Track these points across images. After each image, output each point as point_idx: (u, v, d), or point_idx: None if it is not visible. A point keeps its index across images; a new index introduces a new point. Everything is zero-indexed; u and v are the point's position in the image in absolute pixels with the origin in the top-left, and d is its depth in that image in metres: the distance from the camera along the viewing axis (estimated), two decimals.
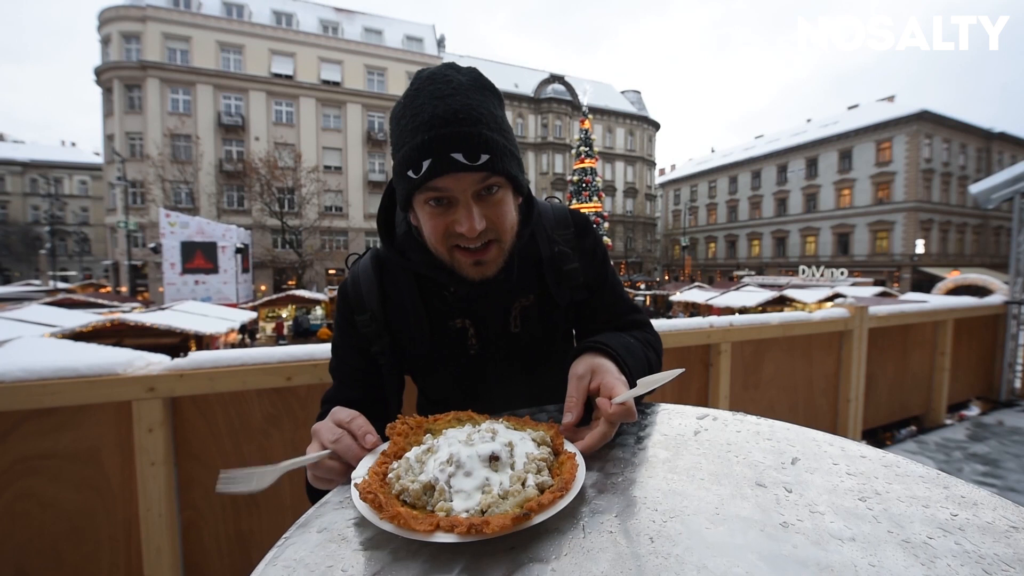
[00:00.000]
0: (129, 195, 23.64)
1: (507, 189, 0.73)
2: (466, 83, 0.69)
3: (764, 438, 0.69)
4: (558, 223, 0.92)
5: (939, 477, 0.57)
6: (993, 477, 2.76)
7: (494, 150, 0.67)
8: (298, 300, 20.23)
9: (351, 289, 0.87)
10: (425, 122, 0.65)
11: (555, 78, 38.26)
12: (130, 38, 25.29)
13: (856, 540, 0.45)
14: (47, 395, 1.21)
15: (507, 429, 0.63)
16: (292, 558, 0.46)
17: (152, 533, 1.32)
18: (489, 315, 0.85)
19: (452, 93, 0.67)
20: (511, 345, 0.87)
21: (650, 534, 0.47)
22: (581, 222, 0.94)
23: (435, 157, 0.65)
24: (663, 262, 46.22)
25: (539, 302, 0.88)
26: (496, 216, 0.72)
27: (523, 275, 0.85)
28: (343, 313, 0.87)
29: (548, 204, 0.96)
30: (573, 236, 0.92)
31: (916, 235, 30.02)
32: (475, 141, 0.65)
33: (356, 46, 29.70)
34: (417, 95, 0.68)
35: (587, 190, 19.35)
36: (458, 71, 0.70)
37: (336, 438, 0.63)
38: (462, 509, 0.49)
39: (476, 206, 0.69)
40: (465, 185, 0.67)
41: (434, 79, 0.69)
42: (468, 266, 0.74)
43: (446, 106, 0.65)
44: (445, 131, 0.65)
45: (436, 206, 0.70)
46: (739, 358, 2.45)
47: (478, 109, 0.67)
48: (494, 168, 0.67)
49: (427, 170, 0.65)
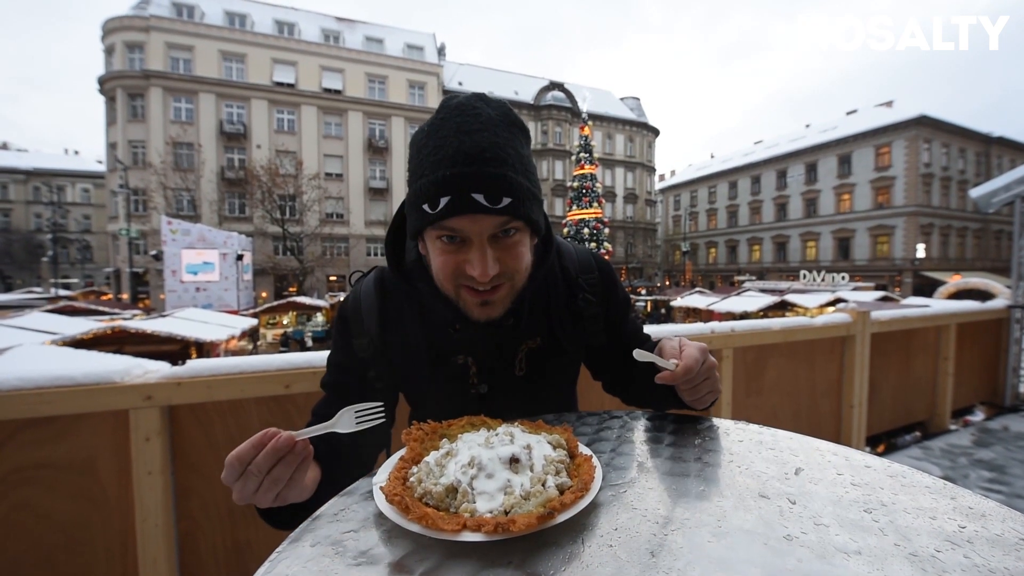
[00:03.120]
0: (131, 203, 23.72)
1: (525, 232, 0.70)
2: (495, 117, 0.66)
3: (767, 447, 0.68)
4: (582, 267, 0.89)
5: (946, 487, 0.56)
6: (1000, 483, 2.73)
7: (517, 193, 0.64)
8: (299, 307, 20.21)
9: (351, 311, 0.83)
10: (448, 156, 0.63)
11: (555, 85, 38.50)
12: (133, 48, 25.54)
13: (862, 553, 0.44)
14: (43, 404, 1.20)
15: (523, 433, 0.63)
16: (284, 573, 0.45)
17: (148, 544, 1.30)
18: (494, 356, 0.82)
19: (480, 128, 0.64)
20: (515, 388, 0.84)
21: (651, 548, 0.46)
22: (604, 265, 0.92)
23: (454, 195, 0.62)
24: (664, 267, 46.21)
25: (546, 345, 0.85)
26: (510, 259, 0.69)
27: (532, 318, 0.83)
28: (342, 334, 0.84)
29: (571, 245, 0.93)
30: (598, 280, 0.89)
31: (917, 239, 29.99)
32: (499, 183, 0.63)
33: (357, 55, 29.95)
34: (443, 126, 0.65)
35: (587, 196, 19.39)
36: (487, 103, 0.67)
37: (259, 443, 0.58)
38: (486, 510, 0.50)
39: (491, 249, 0.66)
40: (482, 227, 0.65)
41: (462, 110, 0.66)
42: (474, 306, 0.72)
43: (472, 142, 0.63)
44: (468, 170, 0.62)
45: (448, 243, 0.67)
46: (741, 364, 2.44)
47: (505, 148, 0.64)
48: (515, 213, 0.65)
49: (444, 207, 0.63)
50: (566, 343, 0.85)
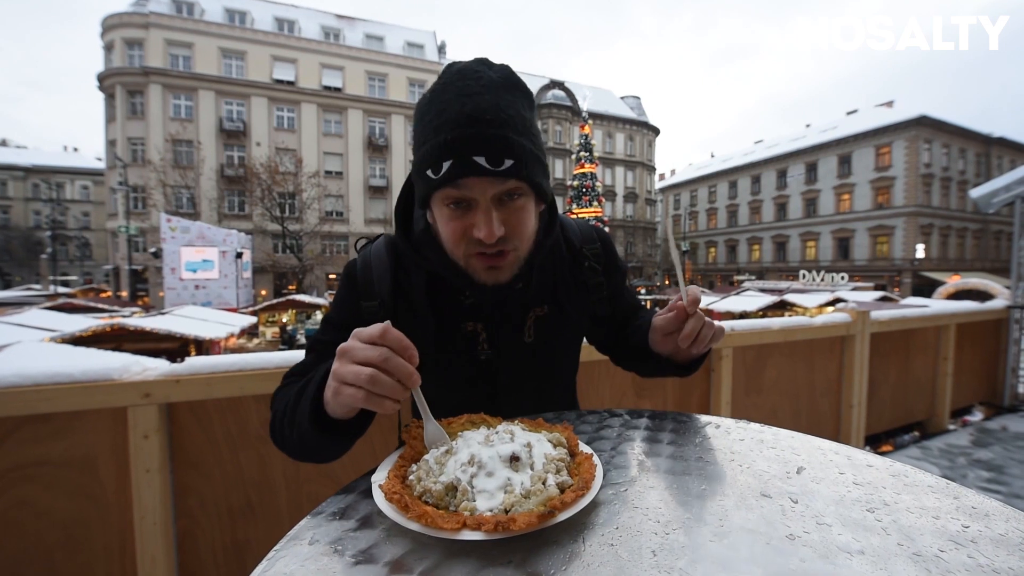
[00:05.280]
0: (130, 200, 23.70)
1: (529, 196, 0.70)
2: (497, 80, 0.66)
3: (768, 446, 0.68)
4: (585, 238, 0.91)
5: (948, 487, 0.55)
6: (998, 483, 2.73)
7: (520, 155, 0.64)
8: (298, 305, 20.20)
9: (361, 273, 0.82)
10: (449, 120, 0.63)
11: (555, 84, 38.45)
12: (133, 44, 25.49)
13: (865, 553, 0.43)
14: (41, 401, 1.20)
15: (523, 431, 0.63)
16: (282, 572, 0.45)
17: (147, 542, 1.30)
18: (503, 322, 0.83)
19: (481, 91, 0.63)
20: (523, 354, 0.85)
21: (652, 547, 0.46)
22: (605, 237, 0.95)
23: (456, 159, 0.62)
24: (663, 267, 46.23)
25: (553, 314, 0.86)
26: (516, 223, 0.69)
27: (540, 285, 0.84)
28: (349, 295, 0.83)
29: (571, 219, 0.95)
30: (601, 251, 0.91)
31: (916, 239, 30.02)
32: (500, 145, 0.62)
33: (357, 52, 29.90)
34: (444, 90, 0.65)
35: (587, 195, 19.38)
36: (490, 67, 0.67)
37: (384, 357, 0.55)
38: (486, 508, 0.49)
39: (496, 211, 0.66)
40: (485, 189, 0.65)
41: (464, 74, 0.65)
42: (482, 270, 0.73)
43: (473, 104, 0.62)
44: (469, 131, 0.62)
45: (455, 208, 0.67)
46: (741, 363, 2.44)
47: (507, 110, 0.64)
48: (518, 174, 0.64)
49: (447, 172, 0.63)
50: (572, 311, 0.87)
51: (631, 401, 2.07)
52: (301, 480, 1.47)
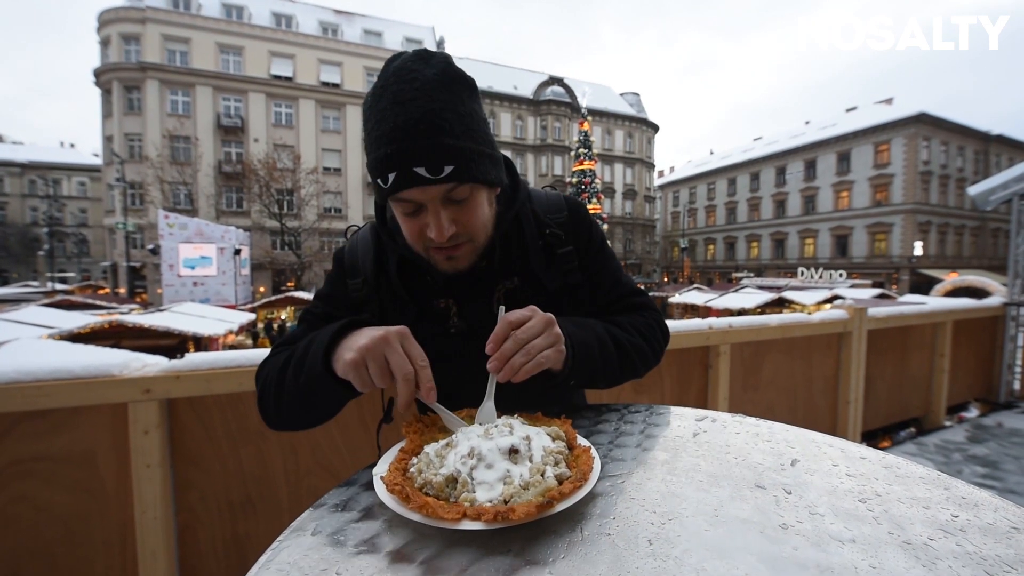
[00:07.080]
0: (128, 196, 23.57)
1: (479, 189, 0.72)
2: (432, 79, 0.65)
3: (763, 440, 0.69)
4: (551, 207, 0.92)
5: (940, 478, 0.56)
6: (992, 479, 2.76)
7: (458, 159, 0.65)
8: (297, 302, 20.17)
9: (347, 255, 0.90)
10: (387, 132, 0.64)
11: (554, 80, 38.32)
12: (129, 39, 25.28)
13: (856, 542, 0.44)
14: (42, 396, 1.20)
15: (522, 424, 0.64)
16: (286, 561, 0.45)
17: (147, 536, 1.31)
18: (471, 296, 0.86)
19: (414, 96, 0.64)
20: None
21: (648, 536, 0.47)
22: (575, 205, 0.94)
23: (398, 171, 0.65)
24: (662, 264, 46.25)
25: (524, 286, 0.88)
26: (466, 219, 0.72)
27: (506, 259, 0.86)
28: (337, 274, 0.91)
29: (543, 191, 0.96)
30: (567, 219, 0.91)
31: (914, 237, 30.07)
32: (436, 154, 0.64)
33: (356, 48, 29.72)
34: (382, 95, 0.66)
35: (586, 192, 19.40)
36: (427, 63, 0.67)
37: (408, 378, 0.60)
38: (486, 499, 0.50)
39: (444, 211, 0.69)
40: (431, 195, 0.67)
41: (400, 75, 0.66)
42: (441, 261, 0.77)
43: (407, 115, 0.63)
44: (405, 145, 0.63)
45: (408, 212, 0.71)
46: (738, 360, 2.45)
47: (441, 114, 0.64)
48: (460, 178, 0.66)
49: (392, 183, 0.66)
50: (545, 281, 0.88)
51: (628, 396, 2.08)
52: (301, 475, 1.48)
